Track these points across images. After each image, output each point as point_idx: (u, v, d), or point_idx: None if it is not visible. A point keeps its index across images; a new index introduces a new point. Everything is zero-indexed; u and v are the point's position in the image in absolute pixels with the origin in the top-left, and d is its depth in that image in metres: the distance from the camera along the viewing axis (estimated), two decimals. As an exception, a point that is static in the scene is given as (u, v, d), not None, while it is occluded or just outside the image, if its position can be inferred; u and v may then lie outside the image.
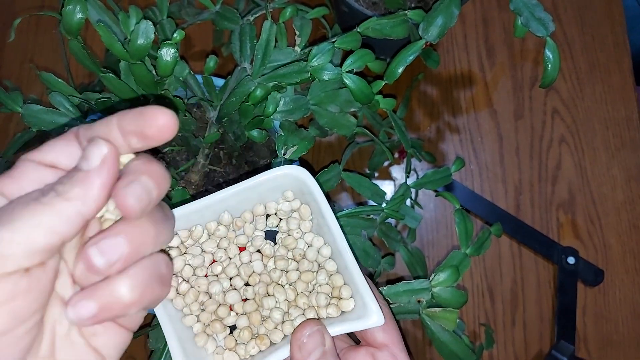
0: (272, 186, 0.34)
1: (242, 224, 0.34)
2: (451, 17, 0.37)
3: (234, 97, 0.39)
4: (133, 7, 0.36)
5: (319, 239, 0.34)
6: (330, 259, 0.33)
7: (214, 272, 0.33)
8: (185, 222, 0.33)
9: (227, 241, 0.34)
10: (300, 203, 0.35)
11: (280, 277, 0.33)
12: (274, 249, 0.34)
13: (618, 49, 0.60)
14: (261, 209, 0.35)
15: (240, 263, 0.33)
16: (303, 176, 0.33)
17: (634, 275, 0.53)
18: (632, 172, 0.56)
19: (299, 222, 0.35)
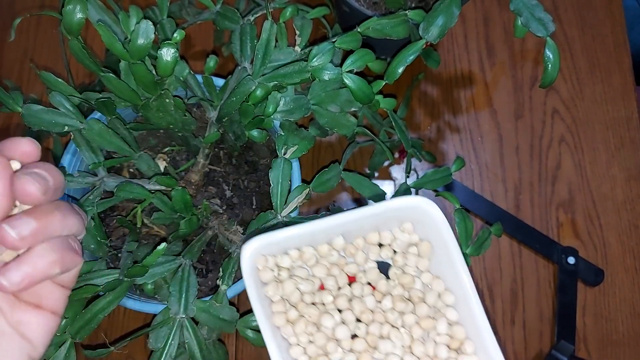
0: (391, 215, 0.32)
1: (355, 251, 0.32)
2: (451, 17, 0.37)
3: (234, 97, 0.39)
4: (133, 6, 0.36)
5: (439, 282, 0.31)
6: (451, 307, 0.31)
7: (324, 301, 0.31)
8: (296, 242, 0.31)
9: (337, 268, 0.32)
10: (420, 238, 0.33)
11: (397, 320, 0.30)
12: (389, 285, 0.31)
13: (618, 49, 0.61)
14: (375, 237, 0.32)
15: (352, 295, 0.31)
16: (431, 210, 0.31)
17: (633, 274, 0.53)
18: (632, 172, 0.56)
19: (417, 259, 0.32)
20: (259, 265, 0.31)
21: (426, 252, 0.32)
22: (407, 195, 0.31)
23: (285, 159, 0.41)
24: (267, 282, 0.31)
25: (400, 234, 0.33)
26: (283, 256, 0.32)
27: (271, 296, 0.31)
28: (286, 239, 0.31)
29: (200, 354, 0.37)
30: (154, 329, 0.37)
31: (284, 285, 0.31)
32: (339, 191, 0.55)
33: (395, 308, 0.31)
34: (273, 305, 0.31)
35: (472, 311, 0.30)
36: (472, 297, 0.30)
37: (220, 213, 0.45)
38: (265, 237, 0.30)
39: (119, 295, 0.36)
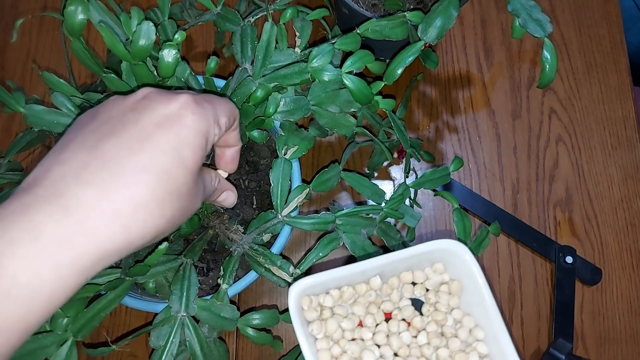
0: (424, 257, 0.34)
1: (390, 291, 0.35)
2: (450, 18, 0.37)
3: (235, 97, 0.39)
4: (135, 8, 0.36)
5: (470, 319, 0.34)
6: (481, 342, 0.33)
7: (363, 337, 0.33)
8: (337, 283, 0.34)
9: (375, 306, 0.34)
10: (450, 277, 0.35)
11: (432, 354, 0.33)
12: (423, 321, 0.34)
13: (615, 49, 0.61)
14: (409, 276, 0.35)
15: (389, 332, 0.33)
16: (462, 252, 0.33)
17: (631, 273, 0.54)
18: (628, 171, 0.57)
19: (449, 297, 0.34)
20: (304, 305, 0.33)
21: (457, 291, 0.35)
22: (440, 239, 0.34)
23: (286, 159, 0.41)
24: (312, 320, 0.33)
25: (432, 274, 0.35)
26: (325, 296, 0.34)
27: (315, 334, 0.33)
28: (328, 280, 0.33)
29: (201, 352, 0.37)
30: (155, 327, 0.37)
31: (327, 324, 0.33)
32: (338, 191, 0.56)
33: (430, 343, 0.33)
34: (318, 343, 0.33)
35: (501, 345, 0.32)
36: (501, 332, 0.32)
37: (221, 212, 0.46)
38: (309, 279, 0.33)
39: (120, 294, 0.37)
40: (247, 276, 0.42)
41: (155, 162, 0.26)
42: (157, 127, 0.27)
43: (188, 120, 0.27)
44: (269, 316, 0.39)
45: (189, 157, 0.27)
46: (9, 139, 0.57)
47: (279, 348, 0.43)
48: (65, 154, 0.26)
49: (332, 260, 0.53)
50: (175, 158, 0.26)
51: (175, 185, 0.27)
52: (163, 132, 0.27)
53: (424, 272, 0.35)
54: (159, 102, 0.28)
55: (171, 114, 0.27)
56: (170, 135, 0.27)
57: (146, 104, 0.28)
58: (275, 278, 0.39)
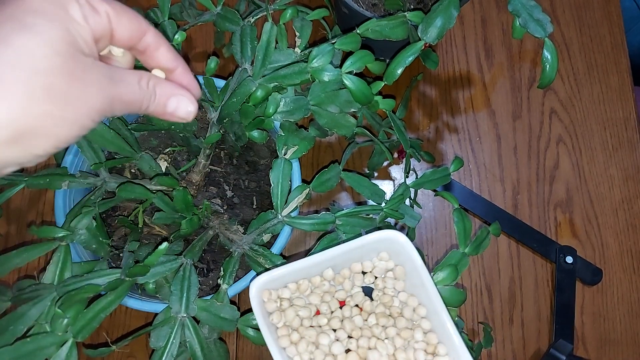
0: (370, 247, 0.38)
1: (342, 280, 0.38)
2: (450, 18, 0.37)
3: (234, 97, 0.39)
4: (135, 8, 0.36)
5: (414, 299, 0.38)
6: (424, 318, 0.37)
7: (320, 324, 0.36)
8: (293, 277, 0.37)
9: (329, 295, 0.38)
10: (395, 264, 0.39)
11: (381, 333, 0.36)
12: (373, 305, 0.37)
13: (616, 49, 0.61)
14: (358, 266, 0.39)
15: (343, 317, 0.37)
16: (401, 240, 0.37)
17: (631, 274, 0.54)
18: (629, 172, 0.57)
19: (394, 282, 0.38)
20: (264, 298, 0.37)
21: (401, 275, 0.38)
22: (382, 230, 0.37)
23: (286, 159, 0.41)
24: (272, 311, 0.36)
25: (379, 262, 0.39)
26: (283, 289, 0.37)
27: (276, 323, 0.36)
28: (285, 274, 0.37)
29: (201, 352, 0.37)
30: (155, 328, 0.37)
31: (286, 313, 0.36)
32: (338, 191, 0.56)
33: (379, 323, 0.36)
34: (278, 330, 0.36)
35: (442, 320, 0.35)
36: (439, 307, 0.36)
37: (221, 213, 0.46)
38: (267, 274, 0.36)
39: (120, 295, 0.37)
40: (247, 276, 0.42)
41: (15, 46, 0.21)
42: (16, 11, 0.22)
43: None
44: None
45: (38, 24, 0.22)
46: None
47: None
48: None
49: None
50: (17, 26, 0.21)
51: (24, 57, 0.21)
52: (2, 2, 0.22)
53: (371, 262, 0.39)
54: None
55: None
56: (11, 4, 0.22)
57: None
58: (275, 278, 0.39)
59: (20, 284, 0.39)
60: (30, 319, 0.35)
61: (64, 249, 0.38)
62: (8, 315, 0.35)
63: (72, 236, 0.39)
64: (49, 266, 0.38)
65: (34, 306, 0.36)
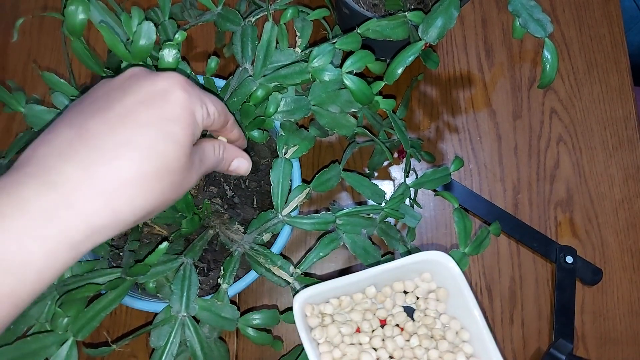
0: (412, 267, 0.37)
1: (384, 299, 0.38)
2: (450, 18, 0.37)
3: (235, 97, 0.39)
4: (135, 8, 0.36)
5: (456, 322, 0.37)
6: (466, 342, 0.36)
7: (361, 342, 0.36)
8: (336, 292, 0.37)
9: (371, 313, 0.38)
10: (437, 285, 0.38)
11: (423, 355, 0.36)
12: (414, 326, 0.37)
13: (616, 49, 0.61)
14: (400, 286, 0.38)
15: (384, 336, 0.37)
16: (446, 262, 0.36)
17: (631, 273, 0.54)
18: (629, 171, 0.57)
19: (436, 303, 0.38)
20: (307, 312, 0.36)
21: (443, 297, 0.38)
22: (426, 251, 0.37)
23: (286, 159, 0.41)
24: (314, 326, 0.36)
25: (421, 283, 0.38)
26: (325, 304, 0.37)
27: (318, 339, 0.36)
28: (328, 289, 0.36)
29: (201, 352, 0.37)
30: (155, 327, 0.37)
31: (328, 329, 0.36)
32: (339, 191, 0.56)
33: (422, 345, 0.36)
34: (320, 347, 0.36)
35: (486, 345, 0.35)
36: (484, 333, 0.35)
37: (222, 212, 0.46)
38: (311, 289, 0.36)
39: (120, 294, 0.37)
40: (247, 276, 0.42)
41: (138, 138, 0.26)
42: (141, 104, 0.27)
43: (174, 96, 0.27)
44: (269, 316, 0.39)
45: (177, 131, 0.27)
46: (9, 139, 0.57)
47: (279, 348, 0.43)
48: (52, 133, 0.26)
49: (333, 259, 0.53)
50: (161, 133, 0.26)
51: (164, 160, 0.26)
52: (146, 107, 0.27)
53: (413, 282, 0.39)
54: (145, 79, 0.28)
55: (157, 90, 0.27)
56: (154, 110, 0.27)
57: (133, 82, 0.28)
58: (276, 278, 0.39)
59: (21, 283, 0.39)
60: (30, 318, 0.35)
61: (65, 248, 0.38)
62: (9, 315, 0.35)
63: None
64: (50, 265, 0.38)
65: (34, 305, 0.36)
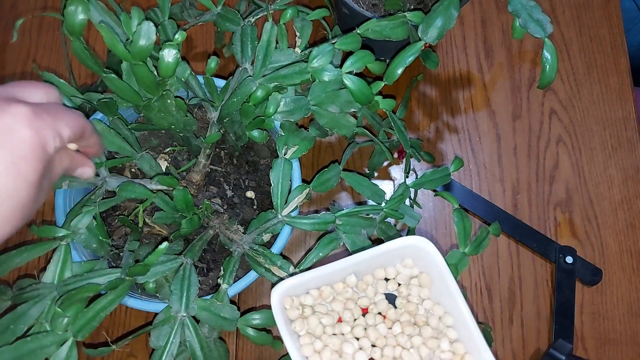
0: (393, 254, 0.37)
1: (365, 287, 0.37)
2: (450, 18, 0.37)
3: (235, 97, 0.39)
4: (135, 8, 0.36)
5: (439, 307, 0.37)
6: (450, 327, 0.36)
7: (342, 332, 0.36)
8: (315, 283, 0.36)
9: (352, 302, 0.37)
10: (419, 271, 0.38)
11: (407, 342, 0.35)
12: (397, 313, 0.37)
13: (615, 50, 0.61)
14: (381, 273, 0.38)
15: (366, 325, 0.36)
16: (427, 247, 0.36)
17: (631, 274, 0.54)
18: (629, 172, 0.57)
19: (419, 289, 0.37)
20: (286, 305, 0.36)
21: (426, 283, 0.37)
22: (405, 236, 0.36)
23: (286, 159, 0.41)
24: (294, 319, 0.36)
25: (403, 269, 0.38)
26: (305, 296, 0.37)
27: (298, 331, 0.35)
28: (307, 280, 0.36)
29: (201, 352, 0.37)
30: (155, 327, 0.37)
31: (309, 321, 0.35)
32: (338, 191, 0.56)
33: (404, 332, 0.36)
34: (301, 339, 0.35)
35: (469, 329, 0.34)
36: (467, 317, 0.35)
37: (221, 212, 0.46)
38: (290, 280, 0.35)
39: (120, 294, 0.37)
40: (247, 276, 0.42)
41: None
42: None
43: (20, 134, 0.26)
44: (269, 316, 0.39)
45: (28, 171, 0.27)
46: (9, 138, 0.57)
47: (279, 348, 0.43)
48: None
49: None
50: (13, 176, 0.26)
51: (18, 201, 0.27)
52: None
53: (395, 268, 0.38)
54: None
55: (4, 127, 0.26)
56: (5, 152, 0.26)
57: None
58: (276, 278, 0.39)
59: (21, 283, 0.39)
60: (30, 318, 0.35)
61: (64, 248, 0.38)
62: (8, 315, 0.35)
63: (73, 236, 0.39)
64: (49, 265, 0.38)
65: (34, 305, 0.36)
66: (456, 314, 0.36)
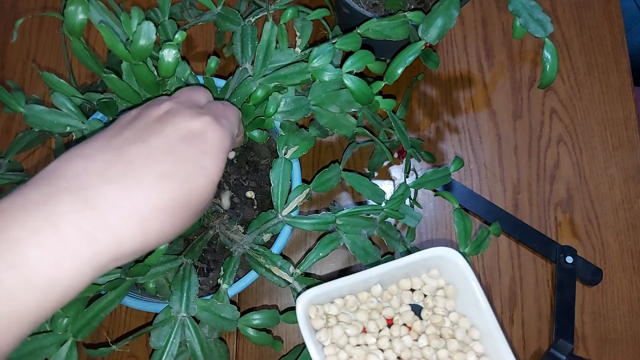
0: (420, 264, 0.36)
1: (390, 297, 0.37)
2: (450, 18, 0.37)
3: (235, 97, 0.39)
4: (135, 8, 0.36)
5: (466, 320, 0.36)
6: (477, 341, 0.35)
7: (367, 343, 0.35)
8: (340, 292, 0.36)
9: (377, 313, 0.36)
10: (445, 282, 0.37)
11: (432, 355, 0.35)
12: (422, 325, 0.36)
13: (616, 49, 0.61)
14: (407, 283, 0.37)
15: (391, 336, 0.35)
16: (455, 258, 0.35)
17: (631, 274, 0.54)
18: (629, 172, 0.57)
19: (445, 301, 0.36)
20: (311, 314, 0.35)
21: (452, 294, 0.37)
22: (434, 247, 0.35)
23: (286, 159, 0.41)
24: (319, 328, 0.35)
25: (429, 280, 0.37)
26: (330, 305, 0.36)
27: (323, 341, 0.35)
28: (332, 290, 0.35)
29: (201, 352, 0.37)
30: (155, 327, 0.37)
31: (333, 331, 0.35)
32: (339, 191, 0.56)
33: (430, 345, 0.35)
34: (325, 349, 0.35)
35: (496, 343, 0.34)
36: (495, 331, 0.34)
37: (222, 213, 0.46)
38: (315, 289, 0.35)
39: (120, 294, 0.37)
40: (247, 276, 0.42)
41: (178, 170, 0.27)
42: (181, 139, 0.28)
43: (210, 135, 0.30)
44: (269, 316, 0.39)
45: (211, 167, 0.29)
46: (9, 139, 0.57)
47: (279, 348, 0.43)
48: (88, 150, 0.27)
49: (333, 260, 0.53)
50: (198, 168, 0.28)
51: (196, 193, 0.28)
52: (187, 144, 0.28)
53: (420, 279, 0.37)
54: (183, 117, 0.30)
55: (194, 129, 0.29)
56: (193, 148, 0.29)
57: (170, 117, 0.29)
58: (276, 278, 0.39)
59: (21, 283, 0.39)
60: (30, 318, 0.35)
61: (64, 248, 0.38)
62: (8, 315, 0.35)
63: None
64: (49, 266, 0.38)
65: (34, 306, 0.36)
66: (483, 326, 0.35)
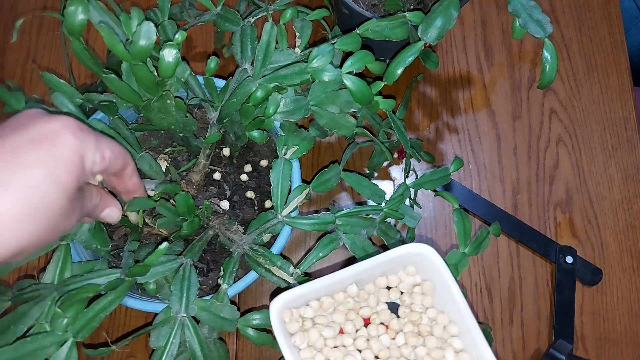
0: (395, 261, 0.36)
1: (367, 296, 0.36)
2: (450, 18, 0.37)
3: (234, 98, 0.39)
4: (135, 8, 0.36)
5: (443, 316, 0.36)
6: (455, 337, 0.35)
7: (344, 344, 0.34)
8: (315, 294, 0.35)
9: (354, 313, 0.36)
10: (422, 278, 0.37)
11: (410, 353, 0.34)
12: (400, 323, 0.35)
13: (615, 50, 0.61)
14: (383, 281, 0.37)
15: (369, 336, 0.35)
16: (430, 254, 0.35)
17: (631, 274, 0.54)
18: (629, 172, 0.57)
19: (422, 297, 0.36)
20: (285, 318, 0.35)
21: (429, 291, 0.36)
22: (408, 243, 0.35)
23: (286, 159, 0.41)
24: (294, 332, 0.35)
25: (405, 277, 0.37)
26: (305, 308, 0.35)
27: (299, 345, 0.34)
28: (307, 292, 0.35)
29: (201, 352, 0.37)
30: (155, 327, 0.37)
31: (309, 334, 0.34)
32: (338, 191, 0.56)
33: (408, 343, 0.34)
34: (301, 353, 0.34)
35: (474, 338, 0.34)
36: (472, 326, 0.34)
37: (221, 213, 0.46)
38: (289, 293, 0.34)
39: (120, 295, 0.37)
40: (247, 276, 0.42)
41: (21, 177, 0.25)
42: (30, 143, 0.26)
43: (64, 138, 0.27)
44: (268, 317, 0.39)
45: (62, 174, 0.27)
46: (9, 139, 0.57)
47: (278, 349, 0.43)
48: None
49: (333, 264, 0.53)
50: (45, 174, 0.26)
51: (44, 201, 0.26)
52: (35, 147, 0.26)
53: (397, 276, 0.37)
54: (39, 119, 0.28)
55: (48, 131, 0.27)
56: (42, 152, 0.26)
57: (25, 121, 0.28)
58: (276, 278, 0.39)
59: (21, 283, 0.39)
60: (30, 318, 0.35)
61: (64, 248, 0.38)
62: (8, 315, 0.35)
63: (72, 236, 0.39)
64: (49, 266, 0.38)
65: (34, 306, 0.36)
66: (460, 322, 0.35)
